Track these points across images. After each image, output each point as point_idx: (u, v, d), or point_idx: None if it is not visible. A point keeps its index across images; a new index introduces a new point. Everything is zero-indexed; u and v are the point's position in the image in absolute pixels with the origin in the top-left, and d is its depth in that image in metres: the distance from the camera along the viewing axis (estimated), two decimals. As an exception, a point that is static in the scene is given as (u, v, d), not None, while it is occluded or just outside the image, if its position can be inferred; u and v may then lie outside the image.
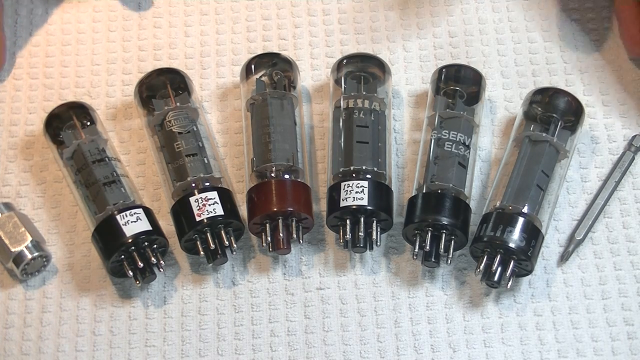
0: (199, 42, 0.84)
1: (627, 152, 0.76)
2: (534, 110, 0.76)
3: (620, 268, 0.72)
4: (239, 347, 0.70)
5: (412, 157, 0.78)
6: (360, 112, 0.75)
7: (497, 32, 0.84)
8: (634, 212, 0.75)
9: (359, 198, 0.70)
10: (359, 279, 0.73)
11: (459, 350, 0.70)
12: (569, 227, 0.74)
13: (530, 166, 0.72)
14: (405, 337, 0.70)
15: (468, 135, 0.74)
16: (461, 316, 0.71)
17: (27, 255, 0.71)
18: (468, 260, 0.72)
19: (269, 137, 0.74)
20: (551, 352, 0.69)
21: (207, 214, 0.70)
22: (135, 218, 0.70)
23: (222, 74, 0.83)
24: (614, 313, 0.71)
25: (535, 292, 0.72)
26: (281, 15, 0.86)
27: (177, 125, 0.75)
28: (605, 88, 0.80)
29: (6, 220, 0.72)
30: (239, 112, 0.80)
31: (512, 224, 0.69)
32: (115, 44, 0.85)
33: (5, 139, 0.80)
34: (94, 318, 0.71)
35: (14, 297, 0.72)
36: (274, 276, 0.73)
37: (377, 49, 0.83)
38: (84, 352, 0.70)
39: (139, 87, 0.78)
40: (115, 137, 0.79)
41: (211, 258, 0.71)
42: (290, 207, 0.71)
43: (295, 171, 0.73)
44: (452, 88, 0.77)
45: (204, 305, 0.72)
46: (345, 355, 0.70)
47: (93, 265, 0.73)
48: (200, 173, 0.73)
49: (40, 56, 0.84)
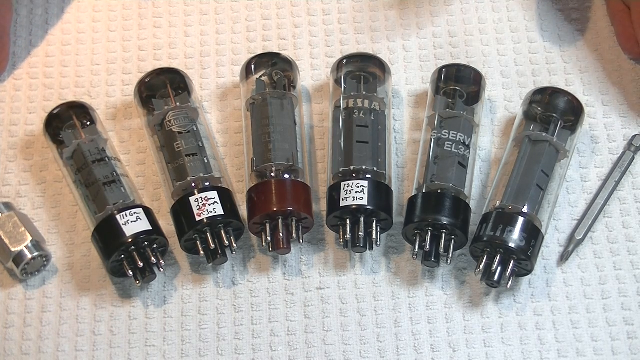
0: (199, 42, 0.84)
1: (627, 152, 0.76)
2: (534, 110, 0.76)
3: (620, 268, 0.72)
4: (239, 346, 0.70)
5: (412, 157, 0.78)
6: (360, 112, 0.75)
7: (497, 32, 0.84)
8: (634, 212, 0.75)
9: (359, 198, 0.70)
10: (359, 278, 0.73)
11: (459, 350, 0.70)
12: (569, 227, 0.74)
13: (530, 166, 0.72)
14: (405, 337, 0.70)
15: (468, 135, 0.74)
16: (461, 316, 0.71)
17: (27, 255, 0.71)
18: (468, 260, 0.72)
19: (269, 137, 0.74)
20: (551, 352, 0.69)
21: (207, 213, 0.70)
22: (135, 218, 0.70)
23: (222, 74, 0.83)
24: (614, 313, 0.71)
25: (535, 292, 0.71)
26: (281, 15, 0.86)
27: (177, 125, 0.75)
28: (605, 88, 0.80)
29: (6, 220, 0.72)
30: (239, 112, 0.80)
31: (512, 223, 0.69)
32: (115, 44, 0.85)
33: (5, 139, 0.80)
34: (94, 318, 0.71)
35: (14, 297, 0.72)
36: (274, 276, 0.73)
37: (377, 49, 0.83)
38: (84, 352, 0.70)
39: (139, 87, 0.78)
40: (115, 137, 0.79)
41: (211, 258, 0.71)
42: (290, 207, 0.71)
43: (295, 171, 0.73)
44: (452, 88, 0.77)
45: (204, 305, 0.72)
46: (345, 355, 0.70)
47: (93, 265, 0.73)
48: (200, 173, 0.73)
49: (40, 56, 0.84)
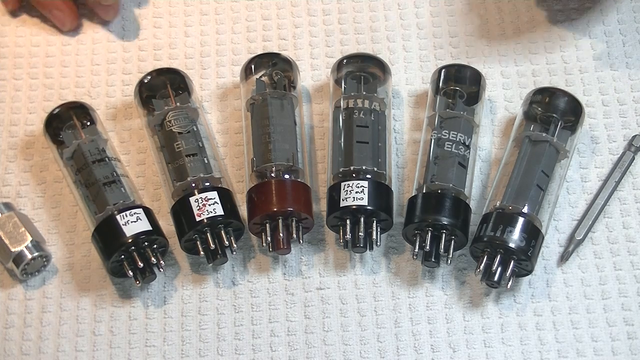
0: (199, 42, 0.84)
1: (627, 152, 0.76)
2: (534, 110, 0.76)
3: (620, 268, 0.72)
4: (239, 347, 0.70)
5: (412, 157, 0.78)
6: (360, 112, 0.75)
7: (497, 32, 0.84)
8: (634, 212, 0.75)
9: (359, 198, 0.70)
10: (359, 279, 0.73)
11: (459, 350, 0.70)
12: (569, 227, 0.74)
13: (530, 166, 0.72)
14: (405, 337, 0.70)
15: (468, 135, 0.74)
16: (461, 316, 0.71)
17: (27, 255, 0.71)
18: (468, 260, 0.72)
19: (269, 137, 0.74)
20: (551, 352, 0.69)
21: (207, 214, 0.70)
22: (135, 218, 0.70)
23: (222, 74, 0.83)
24: (614, 313, 0.71)
25: (535, 292, 0.71)
26: (281, 15, 0.86)
27: (177, 125, 0.75)
28: (605, 88, 0.80)
29: (6, 220, 0.72)
30: (239, 112, 0.80)
31: (512, 224, 0.69)
32: (115, 44, 0.84)
33: (5, 139, 0.80)
34: (94, 318, 0.71)
35: (14, 297, 0.72)
36: (274, 276, 0.73)
37: (377, 49, 0.83)
38: (84, 352, 0.70)
39: (139, 87, 0.78)
40: (115, 137, 0.79)
41: (211, 258, 0.71)
42: (290, 207, 0.71)
43: (295, 171, 0.73)
44: (452, 88, 0.77)
45: (204, 305, 0.72)
46: (345, 355, 0.70)
47: (93, 265, 0.73)
48: (200, 173, 0.73)
49: (40, 56, 0.84)
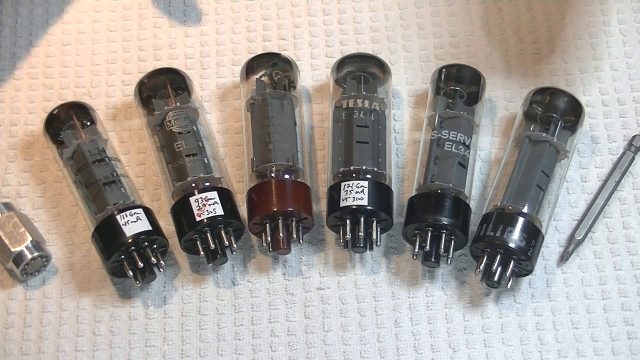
0: (199, 42, 0.84)
1: (627, 152, 0.76)
2: (534, 110, 0.76)
3: (620, 268, 0.72)
4: (239, 347, 0.70)
5: (412, 157, 0.78)
6: (360, 112, 0.75)
7: (498, 32, 0.84)
8: (634, 212, 0.75)
9: (359, 198, 0.70)
10: (359, 279, 0.73)
11: (459, 350, 0.70)
12: (569, 227, 0.74)
13: (530, 166, 0.72)
14: (405, 337, 0.70)
15: (468, 135, 0.74)
16: (461, 316, 0.71)
17: (27, 255, 0.71)
18: (468, 260, 0.72)
19: (269, 137, 0.74)
20: (551, 352, 0.69)
21: (207, 214, 0.70)
22: (135, 218, 0.70)
23: (222, 74, 0.83)
24: (614, 313, 0.71)
25: (535, 292, 0.71)
26: (281, 15, 0.86)
27: (177, 125, 0.75)
28: (605, 88, 0.80)
29: (6, 220, 0.72)
30: (239, 112, 0.80)
31: (512, 224, 0.69)
32: (115, 44, 0.84)
33: (5, 139, 0.80)
34: (94, 318, 0.71)
35: (14, 297, 0.72)
36: (274, 276, 0.73)
37: (377, 49, 0.83)
38: (84, 352, 0.70)
39: (139, 87, 0.78)
40: (115, 137, 0.79)
41: (211, 258, 0.71)
42: (290, 207, 0.71)
43: (295, 171, 0.73)
44: (452, 88, 0.77)
45: (204, 305, 0.72)
46: (345, 355, 0.70)
47: (93, 265, 0.73)
48: (200, 173, 0.73)
49: (40, 56, 0.84)
